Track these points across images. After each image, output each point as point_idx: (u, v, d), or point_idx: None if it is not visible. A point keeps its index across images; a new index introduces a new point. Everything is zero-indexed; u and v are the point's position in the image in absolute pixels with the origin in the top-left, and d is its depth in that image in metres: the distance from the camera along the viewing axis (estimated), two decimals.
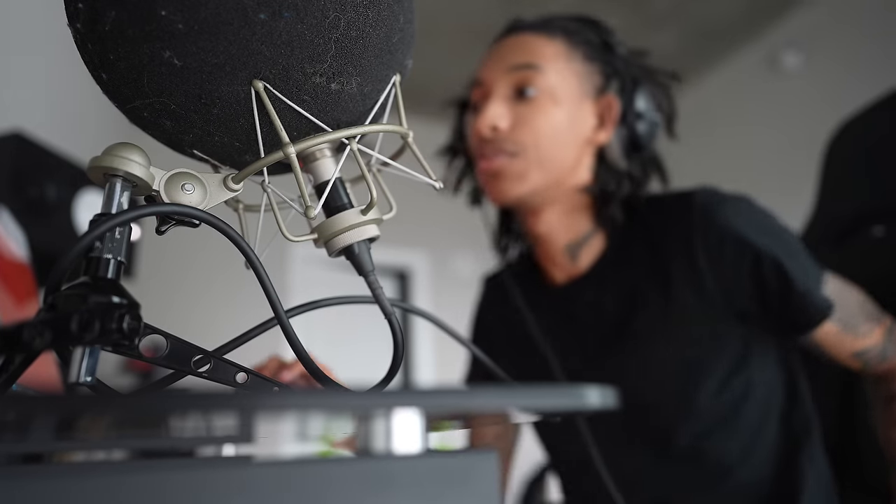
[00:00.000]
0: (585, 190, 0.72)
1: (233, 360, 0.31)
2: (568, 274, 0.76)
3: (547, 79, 0.68)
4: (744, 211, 0.66)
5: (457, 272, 3.90)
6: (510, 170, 0.69)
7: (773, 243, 0.63)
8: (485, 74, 0.71)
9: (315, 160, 0.34)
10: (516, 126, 0.68)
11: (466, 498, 0.20)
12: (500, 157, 0.68)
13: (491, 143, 0.69)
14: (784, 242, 0.64)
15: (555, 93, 0.68)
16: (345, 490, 0.19)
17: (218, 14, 0.26)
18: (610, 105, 0.71)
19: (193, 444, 0.38)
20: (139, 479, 0.17)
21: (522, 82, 0.68)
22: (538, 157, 0.68)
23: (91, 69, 0.30)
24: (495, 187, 0.70)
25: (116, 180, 0.28)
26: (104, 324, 0.24)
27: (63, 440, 0.26)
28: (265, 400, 0.17)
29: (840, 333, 0.64)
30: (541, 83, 0.68)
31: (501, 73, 0.70)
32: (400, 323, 0.34)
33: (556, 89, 0.69)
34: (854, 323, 0.64)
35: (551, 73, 0.69)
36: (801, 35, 3.03)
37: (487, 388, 0.19)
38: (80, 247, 0.25)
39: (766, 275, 0.63)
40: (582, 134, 0.70)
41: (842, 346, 0.64)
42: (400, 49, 0.34)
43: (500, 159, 0.68)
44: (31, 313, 0.48)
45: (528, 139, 0.68)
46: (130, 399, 0.17)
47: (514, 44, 0.71)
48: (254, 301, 0.84)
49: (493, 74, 0.70)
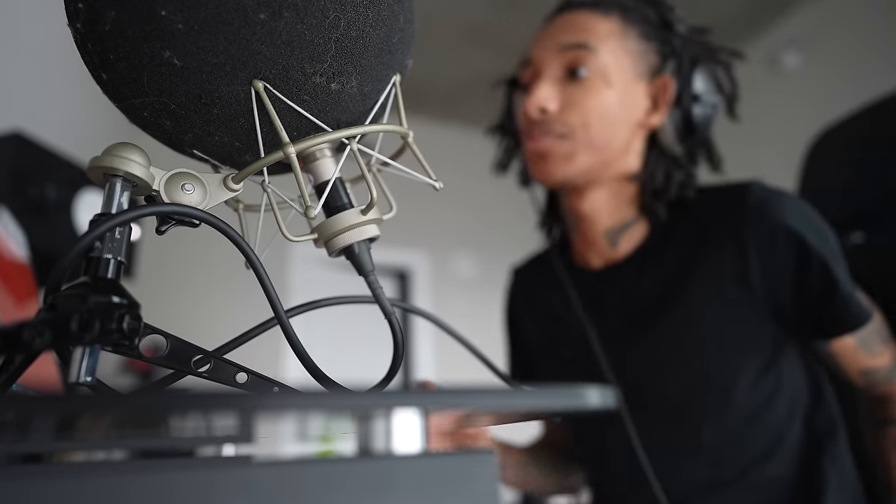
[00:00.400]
0: (633, 178, 0.71)
1: (233, 360, 0.31)
2: (605, 259, 0.75)
3: (599, 59, 0.66)
4: (798, 209, 0.64)
5: (457, 272, 3.89)
6: (558, 151, 0.67)
7: (823, 245, 0.63)
8: (535, 53, 0.70)
9: (315, 160, 0.34)
10: (566, 108, 0.67)
11: (466, 498, 0.20)
12: (547, 137, 0.67)
13: (539, 125, 0.68)
14: (832, 246, 0.63)
15: (607, 73, 0.66)
16: (345, 490, 0.19)
17: (218, 14, 0.26)
18: (665, 86, 0.69)
19: (193, 444, 0.38)
20: (139, 479, 0.17)
21: (574, 62, 0.67)
22: (587, 138, 0.67)
23: (91, 69, 0.30)
24: (542, 168, 0.69)
25: (116, 180, 0.28)
26: (104, 324, 0.24)
27: (63, 440, 0.26)
28: (265, 400, 0.17)
29: (856, 349, 0.64)
30: (592, 63, 0.66)
31: (552, 52, 0.68)
32: (400, 323, 0.34)
33: (609, 70, 0.67)
34: (870, 342, 0.64)
35: (604, 53, 0.66)
36: (801, 34, 3.03)
37: (487, 389, 0.19)
38: (80, 247, 0.25)
39: (812, 275, 0.62)
40: (634, 116, 0.69)
41: (854, 361, 0.65)
42: (400, 49, 0.34)
43: (548, 140, 0.67)
44: (31, 313, 0.48)
45: (577, 121, 0.66)
46: (130, 399, 0.17)
47: (567, 22, 0.69)
48: (254, 301, 0.84)
49: (543, 53, 0.69)
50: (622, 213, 0.72)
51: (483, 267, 3.88)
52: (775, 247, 0.63)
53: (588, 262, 0.76)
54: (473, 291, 3.81)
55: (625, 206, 0.72)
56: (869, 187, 0.78)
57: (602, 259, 0.75)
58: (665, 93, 0.69)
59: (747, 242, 0.64)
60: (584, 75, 0.66)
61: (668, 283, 0.69)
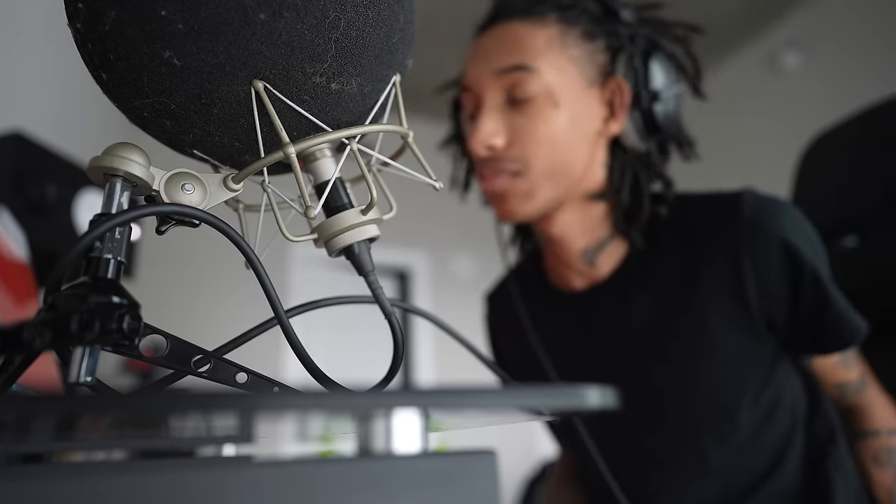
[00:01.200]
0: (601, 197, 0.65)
1: (233, 360, 0.31)
2: (588, 279, 0.69)
3: (542, 79, 0.59)
4: (793, 220, 0.61)
5: (457, 272, 3.90)
6: (515, 190, 0.61)
7: (816, 258, 0.59)
8: (471, 80, 0.62)
9: (315, 160, 0.34)
10: (515, 140, 0.60)
11: (466, 498, 0.20)
12: (500, 177, 0.61)
13: (489, 163, 0.62)
14: (823, 259, 0.61)
15: (553, 93, 0.60)
16: (345, 490, 0.19)
17: (218, 14, 0.26)
18: (619, 89, 0.62)
19: (193, 444, 0.38)
20: (139, 479, 0.17)
21: (514, 88, 0.60)
22: (544, 170, 0.61)
23: (91, 69, 0.30)
24: (502, 208, 0.63)
25: (116, 180, 0.28)
26: (104, 324, 0.24)
27: (63, 440, 0.26)
28: (265, 400, 0.17)
29: (836, 365, 0.66)
30: (535, 86, 0.59)
31: (489, 77, 0.61)
32: (400, 323, 0.34)
33: (554, 88, 0.60)
34: (848, 357, 0.67)
35: (546, 71, 0.59)
36: (801, 35, 3.03)
37: (487, 388, 0.19)
38: (80, 247, 0.25)
39: (806, 290, 0.59)
40: (591, 129, 0.62)
41: (832, 375, 0.66)
42: (400, 49, 0.34)
43: (502, 180, 0.61)
44: (31, 313, 0.48)
45: (528, 154, 0.60)
46: (130, 399, 0.17)
47: (501, 38, 0.61)
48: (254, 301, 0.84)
49: (480, 80, 0.61)
50: (596, 231, 0.67)
51: (483, 267, 3.88)
52: (770, 261, 0.59)
53: (568, 283, 0.71)
54: (473, 291, 3.81)
55: (597, 224, 0.67)
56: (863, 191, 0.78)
57: (584, 279, 0.69)
58: (621, 97, 0.62)
59: (742, 257, 0.60)
60: (527, 101, 0.59)
61: (660, 303, 0.64)
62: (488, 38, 0.62)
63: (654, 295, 0.65)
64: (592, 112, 0.62)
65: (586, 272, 0.69)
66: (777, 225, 0.59)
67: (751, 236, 0.60)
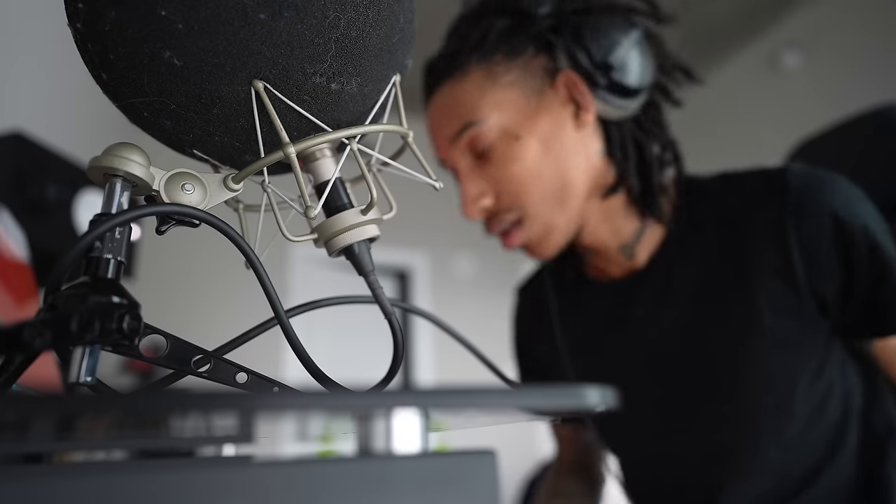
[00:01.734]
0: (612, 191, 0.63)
1: (233, 360, 0.31)
2: (624, 268, 0.68)
3: (490, 124, 0.58)
4: (844, 192, 0.57)
5: (457, 272, 3.90)
6: (531, 235, 0.61)
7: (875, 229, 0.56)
8: (438, 152, 0.64)
9: (315, 160, 0.34)
10: (500, 191, 0.60)
11: (466, 498, 0.20)
12: (513, 234, 0.61)
13: (491, 221, 0.62)
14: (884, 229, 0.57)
15: (507, 129, 0.58)
16: (345, 490, 0.19)
17: (218, 14, 0.26)
18: (570, 81, 0.59)
19: (193, 444, 0.38)
20: (139, 479, 0.17)
21: (471, 145, 0.60)
22: (544, 202, 0.60)
23: (91, 69, 0.30)
24: (534, 255, 0.63)
25: (116, 180, 0.28)
26: (104, 324, 0.24)
27: (63, 440, 0.26)
28: (265, 400, 0.17)
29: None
30: (487, 134, 0.58)
31: (448, 147, 0.61)
32: (400, 323, 0.34)
33: (506, 125, 0.58)
34: None
35: (490, 114, 0.58)
36: (801, 35, 3.04)
37: (487, 388, 0.19)
38: (80, 247, 0.25)
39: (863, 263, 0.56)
40: (567, 135, 0.60)
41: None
42: (400, 49, 0.34)
43: (514, 234, 0.61)
44: (31, 313, 0.48)
45: (520, 198, 0.59)
46: (130, 399, 0.17)
47: (439, 107, 0.62)
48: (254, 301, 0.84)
49: (443, 151, 0.63)
50: (626, 227, 0.65)
51: (483, 267, 3.88)
52: (821, 237, 0.56)
53: (605, 272, 0.69)
54: (473, 291, 3.82)
55: (623, 218, 0.65)
56: None
57: (620, 269, 0.68)
58: (576, 87, 0.59)
59: (788, 235, 0.57)
60: (489, 151, 0.59)
61: (702, 288, 0.62)
62: (432, 111, 0.63)
63: (695, 279, 0.62)
64: (557, 117, 0.60)
65: (625, 264, 0.67)
66: (825, 198, 0.57)
67: (797, 212, 0.57)
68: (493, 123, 0.59)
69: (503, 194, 0.60)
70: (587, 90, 0.59)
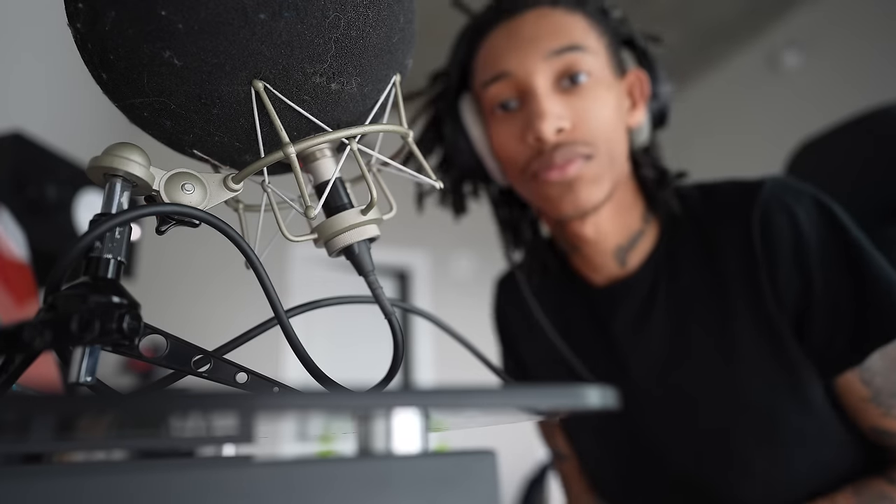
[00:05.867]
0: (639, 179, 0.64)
1: (233, 360, 0.31)
2: (609, 276, 0.67)
3: (593, 60, 0.58)
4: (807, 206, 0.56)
5: (457, 272, 3.90)
6: (587, 174, 0.58)
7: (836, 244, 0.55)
8: (514, 66, 0.58)
9: (315, 160, 0.34)
10: (579, 122, 0.57)
11: (466, 498, 0.20)
12: (574, 163, 0.57)
13: (560, 149, 0.57)
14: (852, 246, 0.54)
15: (602, 75, 0.59)
16: (345, 490, 0.19)
17: (218, 14, 0.26)
18: (639, 81, 0.63)
19: (193, 444, 0.38)
20: (139, 479, 0.17)
21: (570, 68, 0.57)
22: (608, 153, 0.59)
23: (91, 69, 0.30)
24: (569, 199, 0.59)
25: (116, 180, 0.28)
26: (104, 324, 0.24)
27: (63, 440, 0.26)
28: (265, 400, 0.17)
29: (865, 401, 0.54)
30: (589, 66, 0.57)
31: (539, 60, 0.57)
32: (400, 323, 0.34)
33: (603, 71, 0.59)
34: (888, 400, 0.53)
35: (593, 53, 0.58)
36: (801, 35, 3.04)
37: (487, 388, 0.19)
38: (80, 247, 0.25)
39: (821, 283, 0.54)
40: (623, 119, 0.61)
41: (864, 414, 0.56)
42: (400, 49, 0.34)
43: (576, 165, 0.57)
44: (31, 313, 0.48)
45: (596, 136, 0.58)
46: (130, 399, 0.17)
47: (542, 23, 0.58)
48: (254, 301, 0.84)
49: (527, 64, 0.57)
50: (630, 225, 0.64)
51: (483, 267, 3.88)
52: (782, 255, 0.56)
53: (589, 279, 0.69)
54: (473, 291, 3.82)
55: (631, 215, 0.64)
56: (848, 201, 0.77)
57: (606, 276, 0.67)
58: (641, 88, 0.63)
59: (756, 254, 0.57)
60: (584, 81, 0.57)
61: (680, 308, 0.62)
62: (524, 25, 0.59)
63: (673, 294, 0.62)
64: (622, 101, 0.62)
65: (614, 270, 0.66)
66: (786, 213, 0.56)
67: (763, 229, 0.57)
68: (595, 62, 0.58)
69: (583, 126, 0.57)
70: (647, 96, 0.63)
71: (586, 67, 0.57)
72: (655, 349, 0.63)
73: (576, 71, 0.57)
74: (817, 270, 0.55)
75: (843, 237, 0.55)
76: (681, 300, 0.62)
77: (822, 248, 0.55)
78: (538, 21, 0.58)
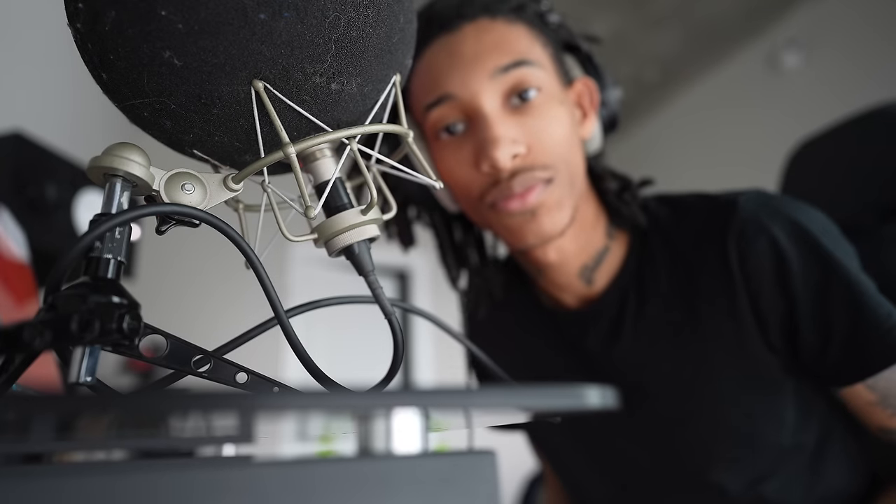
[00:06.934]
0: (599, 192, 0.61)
1: (233, 360, 0.31)
2: (579, 298, 0.63)
3: (542, 73, 0.54)
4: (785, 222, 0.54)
5: None
6: (548, 201, 0.54)
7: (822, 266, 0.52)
8: (456, 86, 0.53)
9: (315, 160, 0.34)
10: (534, 145, 0.53)
11: (466, 498, 0.20)
12: (535, 189, 0.53)
13: (519, 175, 0.53)
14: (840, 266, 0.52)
15: (552, 88, 0.54)
16: (345, 490, 0.19)
17: (218, 14, 0.26)
18: (588, 90, 0.59)
19: (193, 444, 0.38)
20: (139, 479, 0.17)
21: (518, 85, 0.53)
22: (569, 174, 0.55)
23: (91, 69, 0.30)
24: (533, 228, 0.55)
25: (116, 180, 0.28)
26: (104, 324, 0.24)
27: (63, 440, 0.26)
28: (265, 400, 0.17)
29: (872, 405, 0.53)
30: (539, 80, 0.53)
31: (484, 79, 0.52)
32: (400, 323, 0.34)
33: (552, 84, 0.55)
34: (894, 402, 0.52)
35: (540, 66, 0.54)
36: (801, 34, 3.03)
37: (487, 388, 0.19)
38: (80, 247, 0.25)
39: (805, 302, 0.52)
40: (577, 132, 0.57)
41: (871, 416, 0.54)
42: (400, 49, 0.34)
43: (536, 191, 0.53)
44: (31, 313, 0.48)
45: (555, 157, 0.53)
46: (130, 399, 0.17)
47: (481, 37, 0.53)
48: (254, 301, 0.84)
49: (471, 83, 0.52)
50: (594, 243, 0.61)
51: None
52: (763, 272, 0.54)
53: (559, 302, 0.65)
54: None
55: (594, 233, 0.61)
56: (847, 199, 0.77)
57: (575, 298, 0.63)
58: (590, 97, 0.59)
59: (733, 272, 0.55)
60: (534, 98, 0.53)
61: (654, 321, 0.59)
62: (464, 41, 0.54)
63: (648, 317, 0.60)
64: (574, 113, 0.57)
65: (581, 291, 0.63)
66: (765, 229, 0.54)
67: (740, 247, 0.55)
68: (543, 75, 0.54)
69: (539, 150, 0.53)
70: (597, 104, 0.60)
71: (536, 82, 0.53)
72: (627, 369, 0.61)
73: (525, 87, 0.52)
74: (802, 292, 0.53)
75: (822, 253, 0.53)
76: (651, 323, 0.59)
77: (805, 268, 0.52)
78: (479, 36, 0.53)
